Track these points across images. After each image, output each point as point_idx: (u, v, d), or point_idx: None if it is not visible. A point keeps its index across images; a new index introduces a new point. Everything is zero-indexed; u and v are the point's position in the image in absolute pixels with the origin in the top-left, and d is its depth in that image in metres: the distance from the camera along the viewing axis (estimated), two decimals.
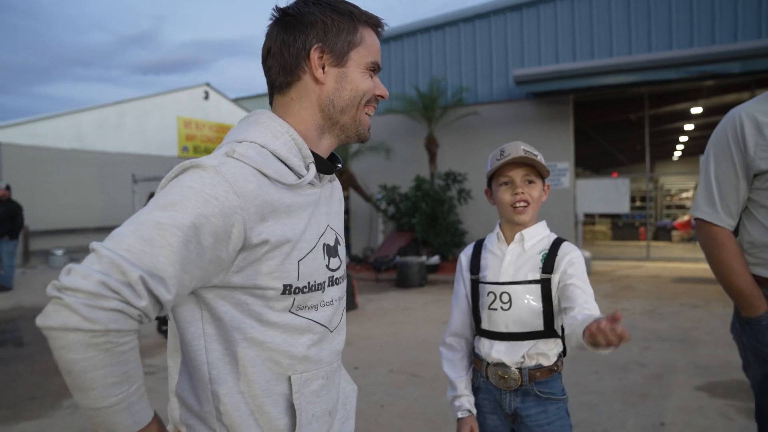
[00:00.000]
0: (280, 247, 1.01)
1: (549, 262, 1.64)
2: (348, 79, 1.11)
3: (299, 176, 1.07)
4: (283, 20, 1.11)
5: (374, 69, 1.15)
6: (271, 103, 1.17)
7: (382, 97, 1.18)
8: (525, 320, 1.63)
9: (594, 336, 1.21)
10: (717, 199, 1.77)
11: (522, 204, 1.66)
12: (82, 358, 0.84)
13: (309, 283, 1.07)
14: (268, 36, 1.13)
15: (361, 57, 1.12)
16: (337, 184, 1.29)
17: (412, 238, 11.05)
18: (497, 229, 1.77)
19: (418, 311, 7.26)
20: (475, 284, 1.75)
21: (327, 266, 1.12)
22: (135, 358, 0.90)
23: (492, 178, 1.74)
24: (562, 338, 1.69)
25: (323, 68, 1.10)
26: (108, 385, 0.86)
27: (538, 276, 1.64)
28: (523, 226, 1.71)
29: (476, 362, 1.76)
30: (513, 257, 1.69)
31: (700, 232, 1.84)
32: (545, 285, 1.63)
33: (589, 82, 9.78)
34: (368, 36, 1.13)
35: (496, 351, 1.66)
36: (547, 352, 1.65)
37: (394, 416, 3.82)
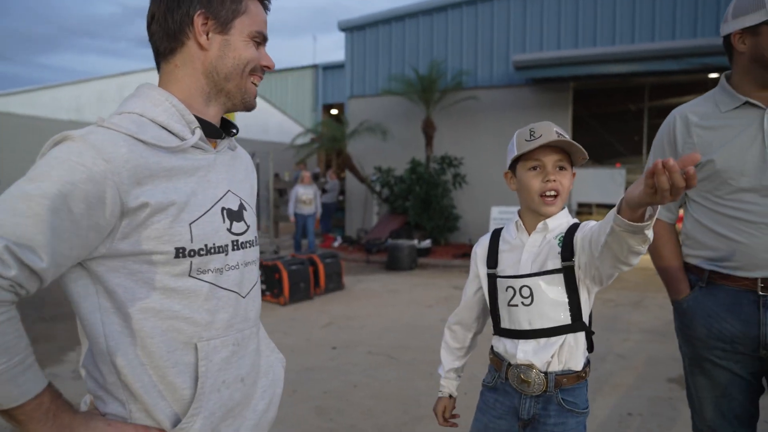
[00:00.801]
0: (164, 210, 1.01)
1: (567, 246, 1.46)
2: (231, 47, 1.13)
3: (183, 140, 1.07)
4: None
5: (259, 39, 1.16)
6: (158, 70, 1.17)
7: (268, 67, 1.19)
8: (550, 314, 1.48)
9: (648, 180, 1.00)
10: None
11: (552, 193, 1.48)
12: None
13: (206, 245, 1.07)
14: (152, 1, 1.13)
15: (245, 26, 1.13)
16: (241, 152, 1.31)
17: (405, 221, 11.03)
18: (516, 217, 1.61)
19: (405, 294, 7.26)
20: (493, 279, 1.59)
21: (229, 230, 1.13)
22: (13, 330, 0.90)
23: (517, 160, 1.55)
24: (589, 336, 1.54)
25: (207, 35, 1.11)
26: None
27: (559, 264, 1.47)
28: (548, 216, 1.52)
29: (494, 361, 1.62)
30: (534, 248, 1.53)
31: None
32: (568, 273, 1.47)
33: (589, 70, 9.67)
34: (253, 6, 1.16)
35: (522, 351, 1.51)
36: (577, 350, 1.49)
37: (366, 397, 3.82)
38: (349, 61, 12.91)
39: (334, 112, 20.06)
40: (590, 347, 1.56)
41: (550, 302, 1.48)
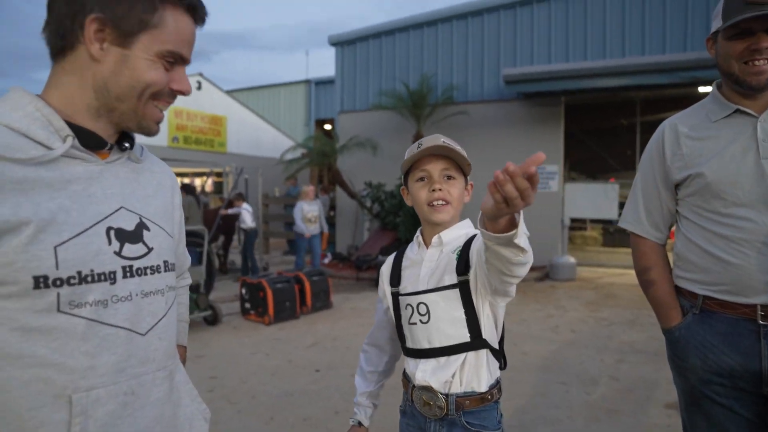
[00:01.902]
0: (15, 230, 0.83)
1: (462, 259, 1.41)
2: (129, 65, 0.94)
3: (48, 149, 0.89)
4: None
5: (171, 59, 0.96)
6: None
7: (181, 92, 1.00)
8: (448, 331, 1.41)
9: (494, 192, 0.94)
10: (642, 210, 1.77)
11: (440, 202, 1.45)
12: None
13: (80, 272, 0.88)
14: None
15: (154, 42, 0.94)
16: (152, 165, 1.12)
17: (395, 238, 10.84)
18: (417, 233, 1.55)
19: None
20: (395, 297, 1.53)
21: (117, 253, 0.94)
22: None
23: (408, 173, 1.52)
24: (498, 354, 1.46)
25: (102, 44, 0.92)
26: None
27: (455, 279, 1.41)
28: (443, 226, 1.48)
29: (404, 383, 1.55)
30: (431, 263, 1.48)
31: (631, 243, 1.84)
32: (464, 287, 1.40)
33: (580, 84, 9.59)
34: (174, 19, 0.95)
35: (421, 371, 1.45)
36: (479, 369, 1.41)
37: (347, 424, 3.62)
38: (340, 76, 12.82)
39: (327, 127, 19.97)
40: (502, 365, 1.49)
41: (448, 319, 1.42)
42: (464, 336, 1.41)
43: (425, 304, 1.44)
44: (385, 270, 1.61)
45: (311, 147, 12.54)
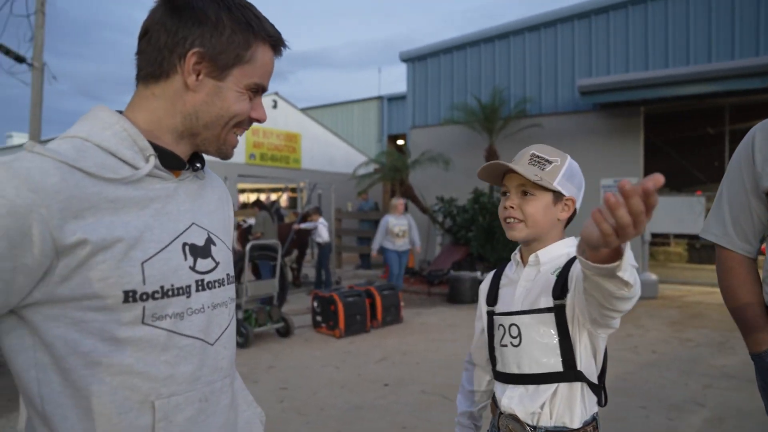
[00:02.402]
0: (109, 248, 0.87)
1: (560, 282, 1.32)
2: (221, 96, 0.99)
3: (135, 168, 0.93)
4: (171, 3, 0.96)
5: (256, 90, 1.02)
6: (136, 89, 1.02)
7: (257, 120, 1.04)
8: (538, 358, 1.33)
9: (601, 222, 0.80)
10: (728, 221, 1.62)
11: (511, 219, 1.39)
12: None
13: (162, 287, 0.93)
14: (150, 16, 0.98)
15: (244, 76, 0.99)
16: (213, 180, 1.16)
17: (467, 253, 10.72)
18: (516, 250, 1.49)
19: (465, 329, 6.96)
20: (490, 317, 1.48)
21: (192, 268, 0.98)
22: None
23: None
24: (597, 388, 1.37)
25: (198, 75, 0.97)
26: None
27: (551, 302, 1.33)
28: (535, 244, 1.42)
29: (492, 407, 1.49)
30: (527, 283, 1.41)
31: (716, 256, 1.69)
32: (559, 313, 1.31)
33: (661, 93, 9.16)
34: (262, 54, 1.01)
35: (507, 398, 1.38)
36: (573, 403, 1.32)
37: None
38: (411, 92, 12.91)
39: (400, 142, 20.13)
40: (602, 401, 1.38)
41: (540, 345, 1.34)
42: (557, 365, 1.33)
43: (517, 326, 1.38)
44: (484, 287, 1.56)
45: (383, 162, 12.66)
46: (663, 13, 9.88)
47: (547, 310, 1.33)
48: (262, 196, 17.73)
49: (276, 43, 1.03)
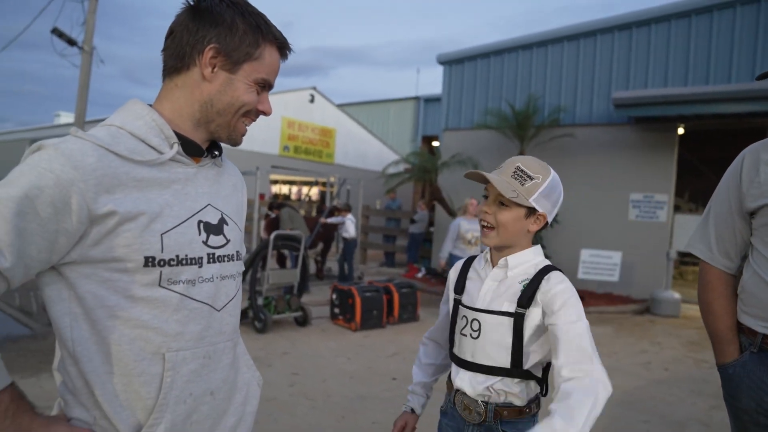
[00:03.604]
0: (134, 219, 1.03)
1: (526, 294, 1.46)
2: (233, 87, 1.15)
3: (160, 153, 1.10)
4: (194, 9, 1.15)
5: (263, 85, 1.18)
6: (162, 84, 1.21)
7: (263, 113, 1.21)
8: (491, 353, 1.48)
9: None
10: (712, 237, 1.70)
11: (484, 223, 1.51)
12: None
13: (177, 256, 1.09)
14: (176, 19, 1.17)
15: (253, 71, 1.16)
16: (230, 169, 1.33)
17: None
18: (486, 248, 1.62)
19: None
20: (456, 305, 1.62)
21: (204, 242, 1.14)
22: None
23: None
24: (542, 379, 1.52)
25: (213, 68, 1.14)
26: None
27: (512, 308, 1.47)
28: (508, 250, 1.53)
29: (448, 384, 1.64)
30: (493, 283, 1.54)
31: (699, 270, 1.77)
32: (518, 320, 1.46)
33: (699, 110, 9.00)
34: (269, 54, 1.17)
35: (459, 379, 1.55)
36: (517, 393, 1.48)
37: None
38: (446, 94, 12.97)
39: (435, 144, 20.21)
40: (544, 392, 1.53)
41: (495, 343, 1.48)
42: (505, 362, 1.47)
43: (479, 322, 1.51)
44: (453, 275, 1.68)
45: (414, 162, 12.76)
46: (707, 28, 9.71)
47: (508, 314, 1.47)
48: (294, 188, 17.97)
49: (282, 45, 1.20)
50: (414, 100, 21.62)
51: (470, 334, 1.52)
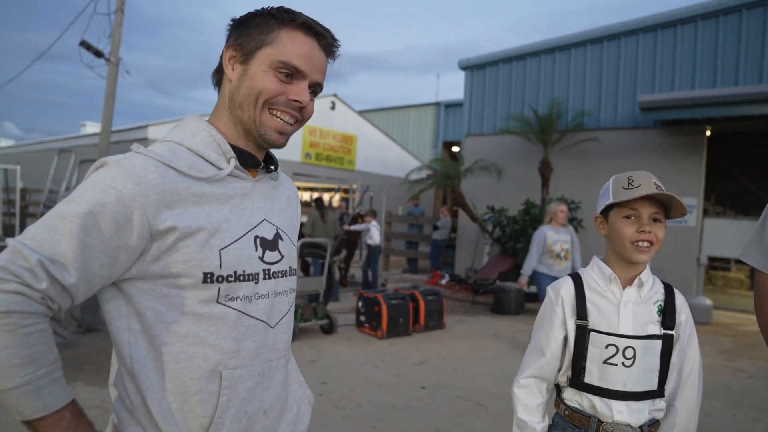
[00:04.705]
0: (193, 235, 1.03)
1: (669, 315, 1.51)
2: (247, 77, 1.11)
3: (219, 169, 1.09)
4: (230, 26, 1.16)
5: (289, 72, 1.10)
6: None
7: (297, 101, 1.12)
8: (643, 379, 1.49)
9: None
10: None
11: (645, 243, 1.49)
12: None
13: (235, 272, 1.07)
14: None
15: (268, 56, 1.09)
16: (285, 182, 1.30)
17: (515, 264, 10.64)
18: (604, 267, 1.56)
19: (506, 339, 6.96)
20: (583, 331, 1.53)
21: (261, 258, 1.13)
22: (43, 342, 0.93)
23: (611, 207, 1.56)
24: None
25: (233, 65, 1.12)
26: (13, 366, 0.89)
27: (658, 331, 1.50)
28: (638, 267, 1.53)
29: (574, 417, 1.55)
30: (634, 305, 1.52)
31: (755, 281, 1.68)
32: (667, 341, 1.50)
33: (728, 112, 8.84)
34: (287, 36, 1.10)
35: (617, 412, 1.48)
36: (661, 408, 1.54)
37: None
38: (468, 99, 12.93)
39: (455, 149, 20.14)
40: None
41: (647, 367, 1.49)
42: (653, 385, 1.50)
43: (633, 349, 1.48)
44: (567, 297, 1.58)
45: (436, 168, 12.72)
46: (736, 29, 9.54)
47: (657, 337, 1.50)
48: (315, 195, 18.01)
49: (306, 25, 1.11)
50: (434, 105, 21.58)
51: (622, 363, 1.48)
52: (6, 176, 15.29)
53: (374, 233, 10.03)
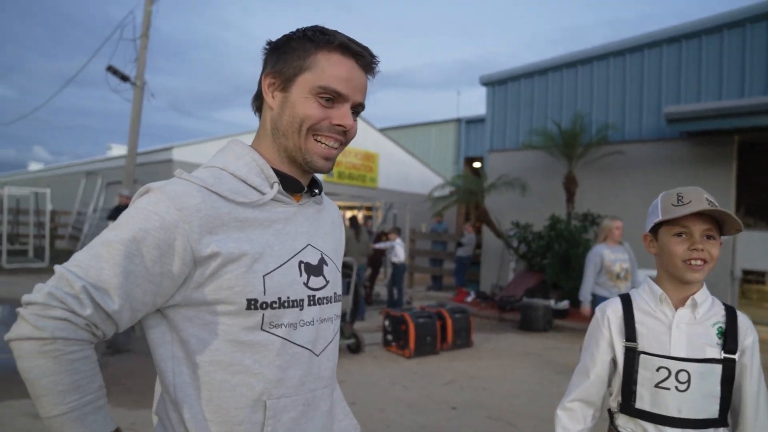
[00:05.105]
0: (236, 261, 1.01)
1: (731, 337, 1.42)
2: (289, 104, 1.09)
3: (262, 194, 1.08)
4: (266, 50, 1.15)
5: (330, 96, 1.07)
6: None
7: (341, 126, 1.09)
8: (700, 405, 1.40)
9: None
10: None
11: (698, 262, 1.42)
12: (34, 365, 0.89)
13: (279, 298, 1.05)
14: None
15: (308, 82, 1.07)
16: (329, 206, 1.28)
17: (541, 280, 10.51)
18: (655, 287, 1.51)
19: (535, 357, 6.84)
20: (632, 353, 1.48)
21: (305, 284, 1.10)
22: (87, 369, 0.93)
23: (661, 224, 1.50)
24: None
25: (273, 93, 1.11)
26: (57, 393, 0.89)
27: (718, 354, 1.41)
28: (692, 287, 1.46)
29: None
30: (685, 326, 1.45)
31: None
32: (728, 366, 1.40)
33: (758, 121, 8.64)
34: (325, 60, 1.07)
35: None
36: None
37: None
38: (490, 115, 12.90)
39: (476, 165, 20.08)
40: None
41: (705, 393, 1.41)
42: (713, 412, 1.41)
43: (687, 373, 1.41)
44: (614, 319, 1.54)
45: (459, 185, 12.69)
46: (764, 37, 9.39)
47: (716, 361, 1.41)
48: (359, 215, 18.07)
49: (344, 46, 1.08)
50: (455, 122, 21.59)
51: (676, 387, 1.41)
52: (36, 199, 15.63)
53: (399, 251, 9.99)
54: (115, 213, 10.02)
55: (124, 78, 13.01)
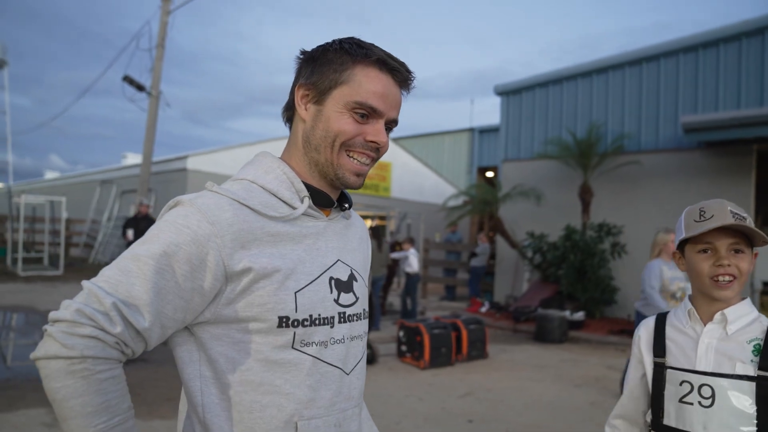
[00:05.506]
0: (269, 276, 0.97)
1: (765, 355, 1.33)
2: (322, 118, 1.05)
3: (293, 208, 1.04)
4: (300, 59, 1.12)
5: (365, 112, 1.05)
6: None
7: (374, 143, 1.07)
8: (731, 424, 1.33)
9: None
10: None
11: (726, 278, 1.37)
12: (63, 385, 0.85)
13: (311, 316, 1.01)
14: None
15: (343, 96, 1.04)
16: (356, 221, 1.25)
17: (556, 291, 10.41)
18: (688, 303, 1.47)
19: (551, 369, 6.74)
20: (660, 369, 1.46)
21: (336, 301, 1.06)
22: (117, 389, 0.90)
23: (686, 241, 1.45)
24: None
25: (306, 105, 1.08)
26: (86, 414, 0.86)
27: (752, 371, 1.33)
28: (725, 303, 1.41)
29: None
30: (712, 341, 1.40)
31: None
32: (763, 384, 1.32)
33: None
34: (362, 74, 1.04)
35: None
36: None
37: None
38: (504, 125, 12.86)
39: (489, 174, 19.99)
40: None
41: (734, 411, 1.33)
42: None
43: (711, 388, 1.36)
44: (645, 336, 1.53)
45: (474, 194, 12.63)
46: None
47: (748, 378, 1.33)
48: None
49: (382, 61, 1.05)
50: (468, 131, 21.55)
51: (699, 402, 1.36)
52: (52, 208, 15.79)
53: (413, 261, 9.94)
54: (131, 222, 10.07)
55: (140, 87, 13.14)
